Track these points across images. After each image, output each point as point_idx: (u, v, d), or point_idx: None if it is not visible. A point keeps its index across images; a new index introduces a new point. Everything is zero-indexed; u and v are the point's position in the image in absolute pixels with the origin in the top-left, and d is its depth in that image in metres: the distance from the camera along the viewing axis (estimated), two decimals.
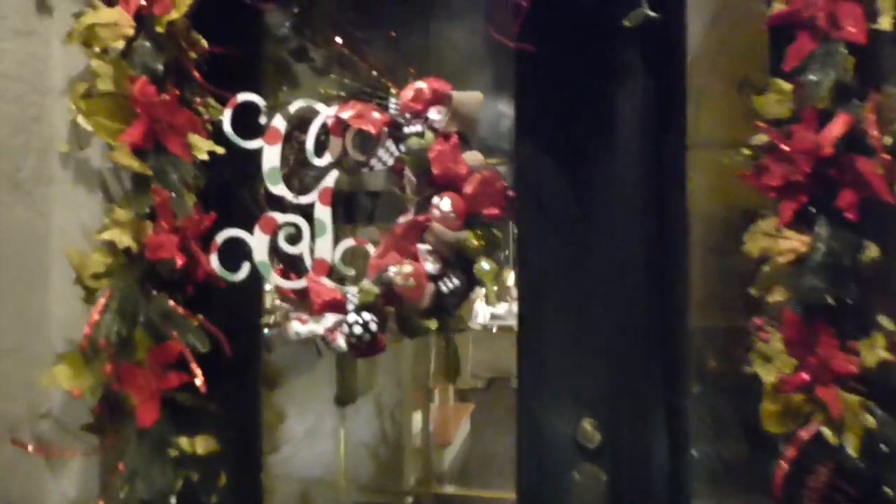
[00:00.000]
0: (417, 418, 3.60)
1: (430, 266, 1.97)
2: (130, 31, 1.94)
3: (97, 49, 1.93)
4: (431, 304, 1.98)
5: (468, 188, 1.92)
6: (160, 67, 1.94)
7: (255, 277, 2.12)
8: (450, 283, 1.97)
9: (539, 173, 2.04)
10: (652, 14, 1.75)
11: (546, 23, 1.92)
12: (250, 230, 2.10)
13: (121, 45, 1.93)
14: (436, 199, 1.95)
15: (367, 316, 2.00)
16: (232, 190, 2.18)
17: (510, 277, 2.20)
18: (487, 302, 2.01)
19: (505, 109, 2.10)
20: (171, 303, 1.95)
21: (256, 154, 2.17)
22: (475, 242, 1.95)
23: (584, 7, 1.93)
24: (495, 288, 1.95)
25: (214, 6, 2.07)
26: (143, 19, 1.95)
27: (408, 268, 1.95)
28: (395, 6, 2.13)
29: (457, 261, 2.00)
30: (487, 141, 2.16)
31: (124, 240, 1.89)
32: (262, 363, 2.37)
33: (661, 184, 1.94)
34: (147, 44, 1.93)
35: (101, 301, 1.86)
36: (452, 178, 1.95)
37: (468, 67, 2.21)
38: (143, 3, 1.93)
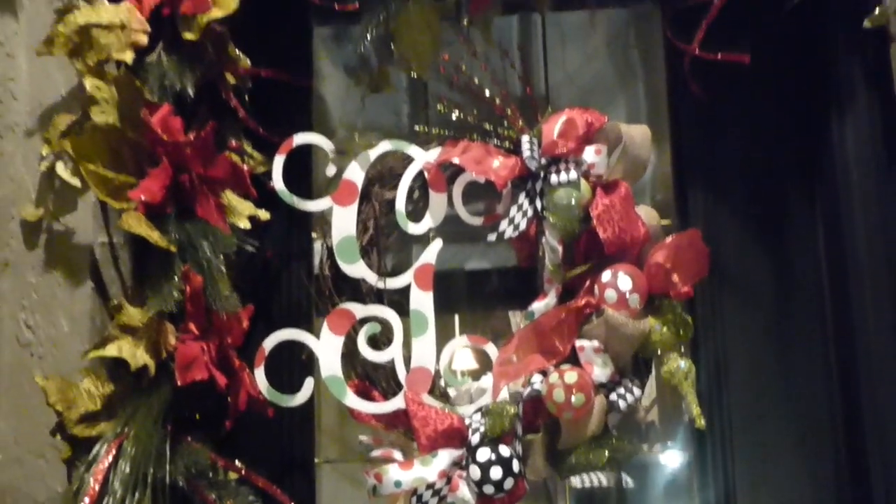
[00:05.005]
0: None
1: (600, 372, 1.37)
2: (144, 39, 1.31)
3: (91, 63, 1.27)
4: (601, 428, 1.37)
5: (659, 257, 1.35)
6: (190, 91, 1.31)
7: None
8: (628, 396, 1.38)
9: (721, 236, 1.50)
10: None
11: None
12: (311, 330, 1.46)
13: (129, 57, 1.29)
14: (606, 275, 1.37)
15: (504, 451, 1.36)
16: (280, 271, 1.52)
17: None
18: (696, 421, 1.39)
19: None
20: (210, 454, 1.24)
21: (319, 220, 1.55)
22: (664, 332, 1.37)
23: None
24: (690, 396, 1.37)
25: (257, 16, 1.47)
26: (163, 22, 1.32)
27: (572, 376, 1.34)
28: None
29: (634, 363, 1.43)
30: None
31: (139, 356, 1.19)
32: None
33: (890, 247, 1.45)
34: (171, 57, 1.29)
35: (104, 463, 1.12)
36: (627, 244, 1.39)
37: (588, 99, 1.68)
38: None
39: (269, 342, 1.42)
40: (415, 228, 1.47)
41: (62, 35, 1.28)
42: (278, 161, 1.45)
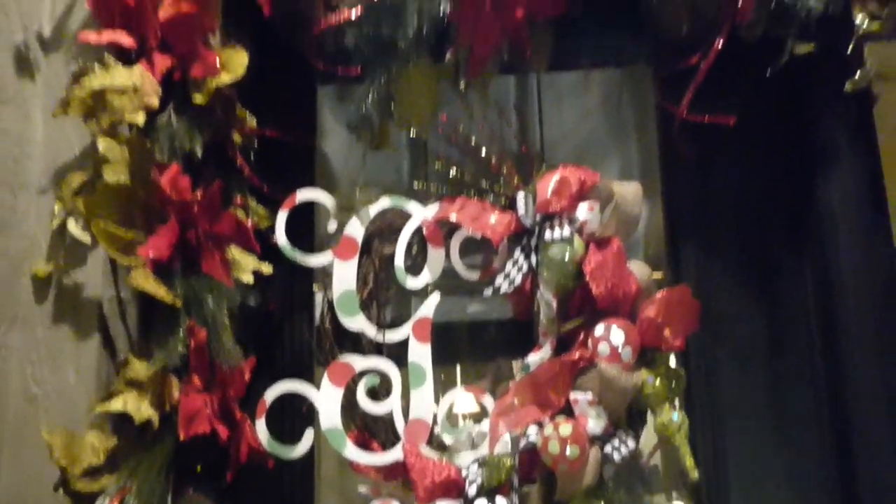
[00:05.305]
0: None
1: (594, 424, 1.39)
2: (155, 102, 1.36)
3: (104, 125, 1.33)
4: (596, 479, 1.39)
5: (650, 312, 1.39)
6: (199, 151, 1.36)
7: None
8: (623, 448, 1.40)
9: (713, 288, 1.54)
10: None
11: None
12: (312, 382, 1.48)
13: (141, 119, 1.34)
14: (599, 330, 1.41)
15: (501, 502, 1.38)
16: (282, 324, 1.55)
17: None
18: (690, 474, 1.41)
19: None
20: None
21: (320, 273, 1.59)
22: (657, 385, 1.40)
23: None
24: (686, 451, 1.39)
25: (263, 77, 1.53)
26: (173, 85, 1.38)
27: (566, 428, 1.36)
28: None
29: (629, 415, 1.45)
30: None
31: (143, 410, 1.22)
32: None
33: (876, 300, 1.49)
34: (181, 118, 1.35)
35: None
36: (619, 299, 1.42)
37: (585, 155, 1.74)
38: (175, 62, 1.36)
39: (271, 394, 1.44)
40: (413, 283, 1.50)
41: (77, 97, 1.33)
42: (281, 216, 1.49)
